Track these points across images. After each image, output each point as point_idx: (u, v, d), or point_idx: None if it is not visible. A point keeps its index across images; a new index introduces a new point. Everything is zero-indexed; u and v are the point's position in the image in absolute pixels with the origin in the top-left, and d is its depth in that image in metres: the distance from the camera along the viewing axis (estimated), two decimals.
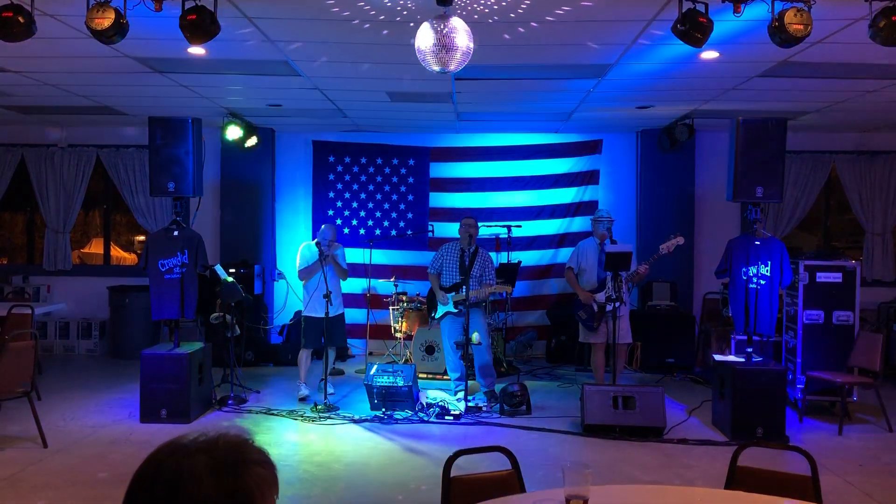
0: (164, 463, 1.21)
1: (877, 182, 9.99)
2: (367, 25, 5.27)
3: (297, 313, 8.76)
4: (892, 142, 9.97)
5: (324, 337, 7.31)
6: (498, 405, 7.10)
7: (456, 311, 7.37)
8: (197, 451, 1.22)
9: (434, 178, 10.25)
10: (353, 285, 10.02)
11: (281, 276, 9.88)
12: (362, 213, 10.28)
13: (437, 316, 7.67)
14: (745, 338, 6.74)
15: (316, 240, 7.47)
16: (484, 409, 7.11)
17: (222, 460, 1.22)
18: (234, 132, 9.09)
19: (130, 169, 10.21)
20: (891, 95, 7.41)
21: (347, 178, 10.27)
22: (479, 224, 7.83)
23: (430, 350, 8.60)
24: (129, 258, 11.94)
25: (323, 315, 7.22)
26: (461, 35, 4.36)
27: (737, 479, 2.96)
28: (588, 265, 7.57)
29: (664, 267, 7.66)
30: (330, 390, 7.27)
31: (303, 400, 7.43)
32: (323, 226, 7.67)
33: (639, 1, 4.75)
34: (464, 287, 7.20)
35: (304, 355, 7.58)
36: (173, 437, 1.25)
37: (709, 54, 5.95)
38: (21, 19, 4.36)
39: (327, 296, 7.04)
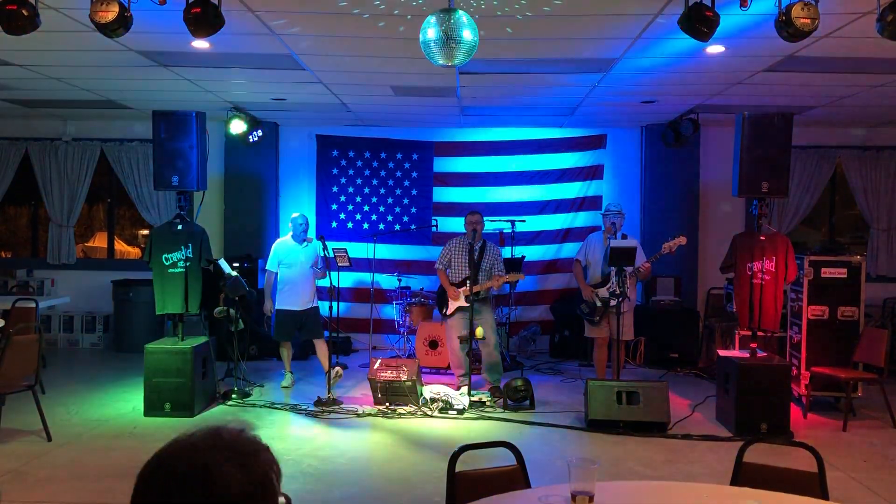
0: (181, 463, 1.20)
1: (882, 177, 9.95)
2: (372, 18, 5.25)
3: None
4: None
5: (301, 330, 7.70)
6: (502, 400, 7.10)
7: (467, 305, 7.24)
8: (213, 447, 1.22)
9: (438, 173, 10.23)
10: (357, 280, 10.03)
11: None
12: (366, 208, 10.26)
13: (448, 312, 7.59)
14: (749, 333, 6.72)
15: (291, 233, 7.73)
16: (487, 403, 7.11)
17: (242, 453, 1.22)
18: (237, 126, 9.08)
19: (134, 163, 10.21)
20: None
21: (351, 172, 10.26)
22: (484, 219, 7.76)
23: (433, 345, 8.60)
24: (133, 252, 11.95)
25: (291, 308, 7.57)
26: (466, 28, 4.34)
27: (743, 475, 2.95)
28: (594, 259, 7.54)
29: (669, 262, 7.65)
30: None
31: (285, 388, 7.69)
32: (295, 214, 7.81)
33: None
34: (474, 280, 7.24)
35: (282, 347, 7.87)
36: (176, 440, 1.24)
37: (715, 48, 5.92)
38: (25, 12, 4.34)
39: (331, 290, 7.12)
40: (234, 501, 1.17)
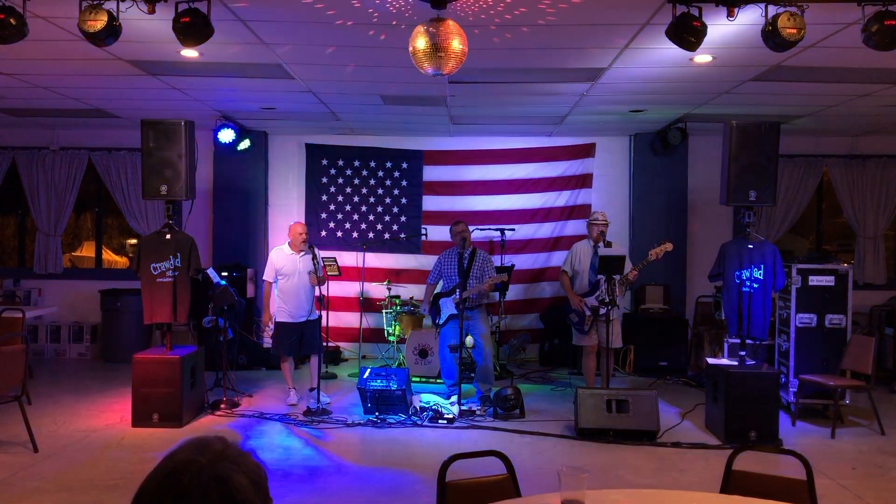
0: (186, 475, 1.21)
1: (868, 186, 10.03)
2: (361, 28, 5.26)
3: None
4: (883, 146, 10.02)
5: (301, 343, 7.37)
6: (491, 409, 7.09)
7: (458, 312, 7.18)
8: (223, 458, 1.26)
9: (427, 182, 10.24)
10: (347, 289, 10.01)
11: None
12: (355, 217, 10.26)
13: (441, 321, 7.56)
14: (738, 341, 6.75)
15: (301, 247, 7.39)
16: (478, 412, 7.10)
17: (243, 463, 1.27)
18: (226, 135, 9.06)
19: (122, 172, 10.17)
20: (883, 100, 7.44)
21: (341, 181, 10.26)
22: (473, 227, 7.78)
23: (423, 353, 8.58)
24: (121, 261, 11.88)
25: (291, 321, 7.28)
26: (455, 38, 4.36)
27: (732, 482, 2.95)
28: (581, 268, 7.53)
29: (657, 270, 7.68)
30: (325, 399, 7.23)
31: (293, 406, 7.38)
32: (293, 223, 7.58)
33: (633, 5, 4.75)
34: (463, 287, 7.22)
35: (284, 363, 7.53)
36: (175, 458, 1.25)
37: (702, 58, 5.96)
38: (13, 21, 4.33)
39: (320, 299, 7.02)
40: None
